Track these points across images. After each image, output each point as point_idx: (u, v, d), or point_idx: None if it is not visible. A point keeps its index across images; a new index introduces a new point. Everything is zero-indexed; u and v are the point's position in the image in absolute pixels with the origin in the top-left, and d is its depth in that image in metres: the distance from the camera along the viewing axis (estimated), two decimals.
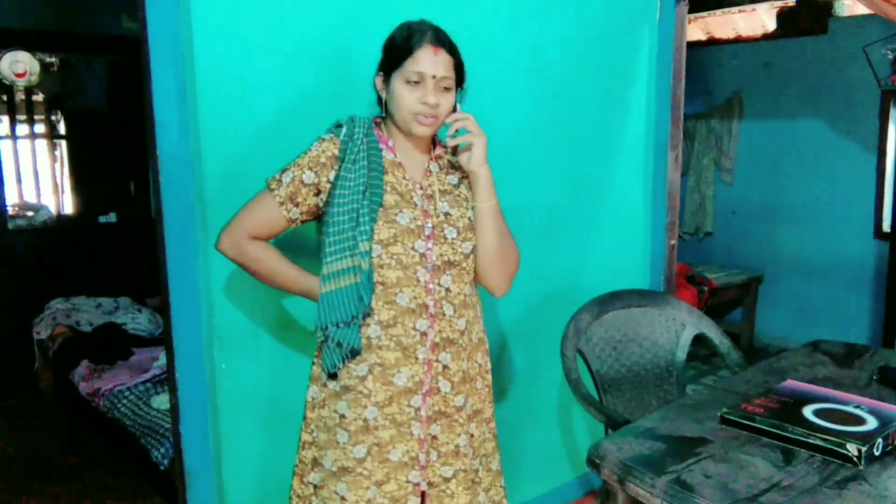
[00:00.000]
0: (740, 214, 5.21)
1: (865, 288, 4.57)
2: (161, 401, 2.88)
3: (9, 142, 4.64)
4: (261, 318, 1.87)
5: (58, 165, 4.90)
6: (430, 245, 1.51)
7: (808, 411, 1.47)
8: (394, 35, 1.52)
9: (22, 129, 4.69)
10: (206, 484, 1.83)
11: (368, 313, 1.48)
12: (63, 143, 4.86)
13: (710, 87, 5.29)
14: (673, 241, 2.89)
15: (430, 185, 1.57)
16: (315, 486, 1.58)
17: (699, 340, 2.33)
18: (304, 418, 1.62)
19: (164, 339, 1.83)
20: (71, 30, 4.43)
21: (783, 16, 4.08)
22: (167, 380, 1.88)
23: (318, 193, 1.51)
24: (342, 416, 1.52)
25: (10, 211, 4.52)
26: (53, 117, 4.83)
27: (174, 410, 1.81)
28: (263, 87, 1.80)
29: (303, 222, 1.55)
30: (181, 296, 1.74)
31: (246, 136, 1.78)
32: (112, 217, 4.73)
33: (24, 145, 4.75)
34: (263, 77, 1.79)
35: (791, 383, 1.67)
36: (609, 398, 2.19)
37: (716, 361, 4.49)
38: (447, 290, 1.53)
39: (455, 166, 1.62)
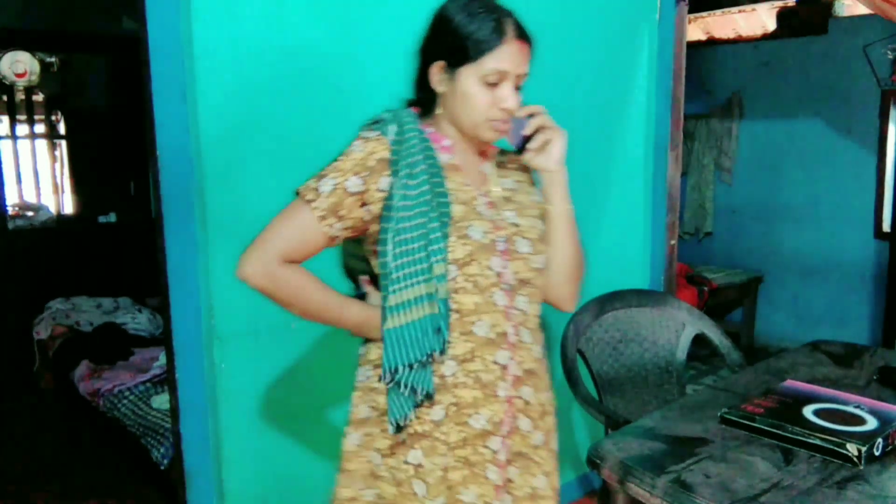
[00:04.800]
0: (740, 214, 5.21)
1: (865, 288, 4.57)
2: (161, 401, 2.88)
3: (9, 142, 4.64)
4: (261, 318, 1.87)
5: (58, 165, 4.90)
6: (505, 262, 1.28)
7: (808, 411, 1.47)
8: (456, 19, 1.24)
9: (22, 129, 4.69)
10: (206, 484, 1.83)
11: (444, 349, 1.25)
12: (63, 143, 4.86)
13: (710, 87, 5.29)
14: (673, 241, 2.89)
15: (489, 191, 1.34)
16: None
17: (699, 340, 2.33)
18: (342, 471, 1.35)
19: (164, 339, 1.83)
20: (71, 30, 4.43)
21: (783, 16, 4.08)
22: (167, 380, 1.88)
23: (363, 205, 1.24)
24: (418, 466, 1.28)
25: (10, 211, 4.52)
26: (53, 117, 4.84)
27: (174, 410, 1.81)
28: (263, 86, 1.80)
29: (343, 240, 1.30)
30: (181, 296, 1.74)
31: (246, 136, 1.78)
32: (112, 217, 4.73)
33: (24, 145, 4.75)
34: (264, 77, 1.79)
35: (791, 383, 1.67)
36: (609, 398, 2.19)
37: (716, 361, 4.49)
38: (524, 313, 1.31)
39: (506, 166, 1.39)
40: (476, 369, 1.26)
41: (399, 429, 1.26)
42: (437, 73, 1.27)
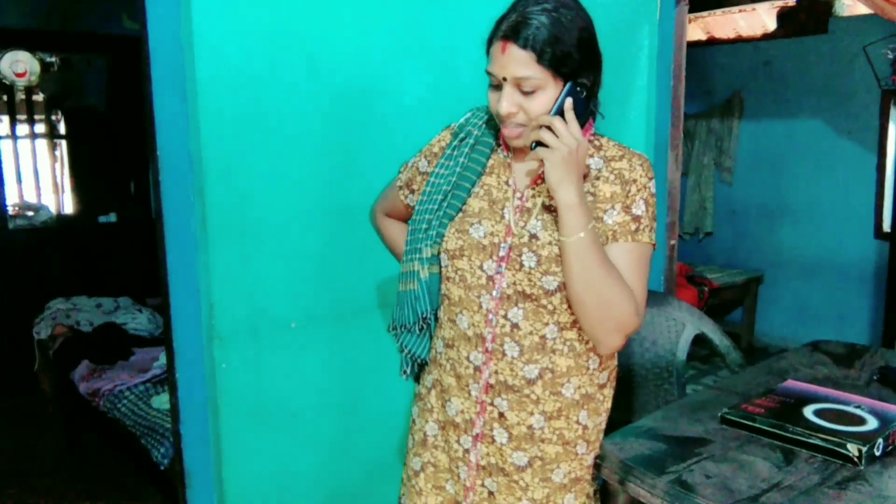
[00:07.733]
0: (740, 214, 5.22)
1: (865, 288, 4.57)
2: (161, 401, 2.88)
3: (9, 142, 4.64)
4: (261, 318, 1.87)
5: (58, 165, 4.90)
6: (501, 269, 1.26)
7: (808, 411, 1.47)
8: None
9: (22, 129, 4.69)
10: (206, 484, 1.83)
11: (429, 324, 1.38)
12: (63, 143, 4.86)
13: (710, 87, 5.30)
14: (673, 241, 2.89)
15: (533, 196, 1.30)
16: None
17: (699, 340, 2.33)
18: None
19: (164, 339, 1.83)
20: (71, 30, 4.43)
21: (783, 16, 4.09)
22: (167, 380, 1.88)
23: None
24: (414, 421, 1.47)
25: (10, 211, 4.52)
26: (53, 117, 4.84)
27: (174, 410, 1.80)
28: (264, 86, 1.80)
29: None
30: (181, 296, 1.73)
31: (246, 136, 1.78)
32: (112, 217, 4.73)
33: (24, 145, 4.75)
34: (264, 76, 1.79)
35: (791, 383, 1.67)
36: None
37: (716, 361, 4.49)
38: (514, 325, 1.27)
39: (590, 176, 1.33)
40: (453, 357, 1.35)
41: (416, 378, 1.46)
42: None
